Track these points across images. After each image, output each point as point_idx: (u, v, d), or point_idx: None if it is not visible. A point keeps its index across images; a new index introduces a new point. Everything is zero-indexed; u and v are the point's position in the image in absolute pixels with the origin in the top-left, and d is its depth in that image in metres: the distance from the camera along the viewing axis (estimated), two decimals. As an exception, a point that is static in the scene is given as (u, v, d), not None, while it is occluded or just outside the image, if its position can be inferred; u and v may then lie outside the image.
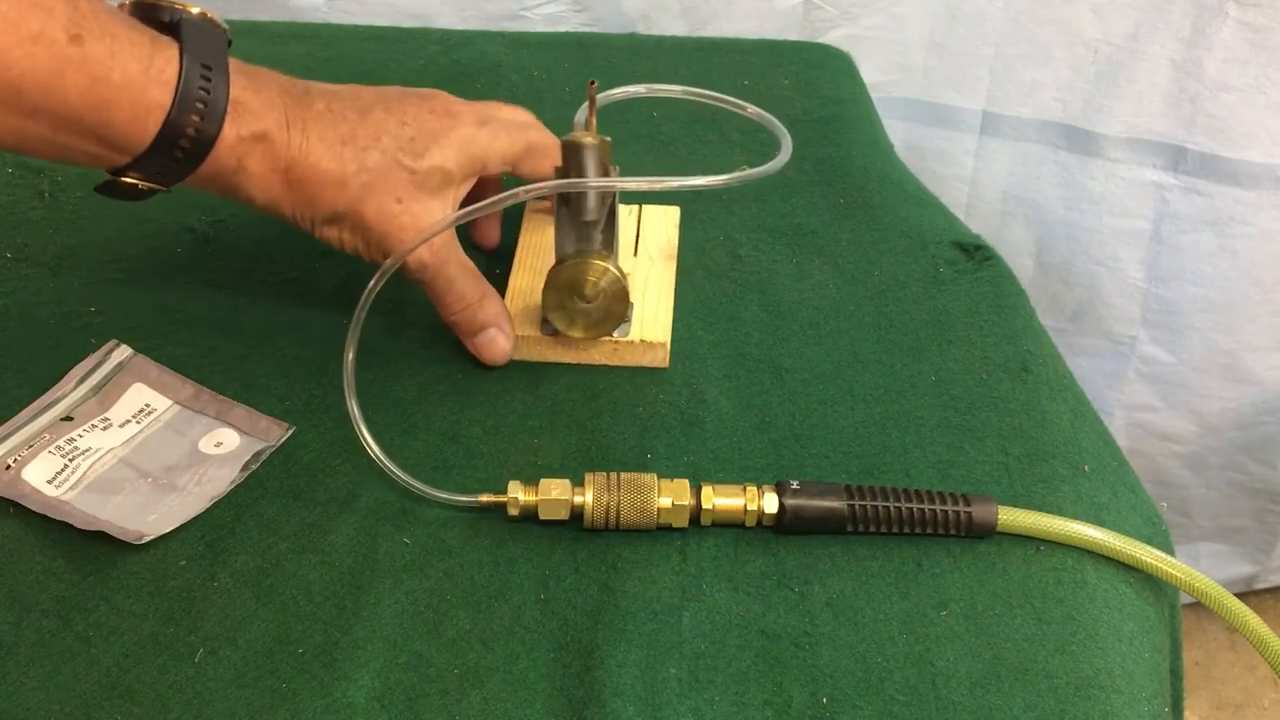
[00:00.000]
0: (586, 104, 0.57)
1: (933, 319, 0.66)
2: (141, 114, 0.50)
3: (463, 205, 0.58)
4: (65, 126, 0.49)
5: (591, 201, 0.56)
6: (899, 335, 0.64)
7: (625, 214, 0.69)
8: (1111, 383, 1.16)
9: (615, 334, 0.61)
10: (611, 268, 0.58)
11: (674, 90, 0.66)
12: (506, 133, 0.59)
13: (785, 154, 0.58)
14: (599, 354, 0.61)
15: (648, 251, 0.67)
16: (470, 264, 0.60)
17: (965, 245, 0.71)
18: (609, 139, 0.55)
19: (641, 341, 0.61)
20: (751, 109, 0.63)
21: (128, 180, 0.52)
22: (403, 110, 0.57)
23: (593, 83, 0.56)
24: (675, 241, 0.69)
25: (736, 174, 0.54)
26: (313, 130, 0.54)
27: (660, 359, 0.61)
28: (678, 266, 0.67)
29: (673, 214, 0.71)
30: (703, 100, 0.65)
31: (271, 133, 0.53)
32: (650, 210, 0.70)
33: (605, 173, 0.55)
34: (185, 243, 0.68)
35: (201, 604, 0.50)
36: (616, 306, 0.59)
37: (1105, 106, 1.02)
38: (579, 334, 0.60)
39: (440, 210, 0.57)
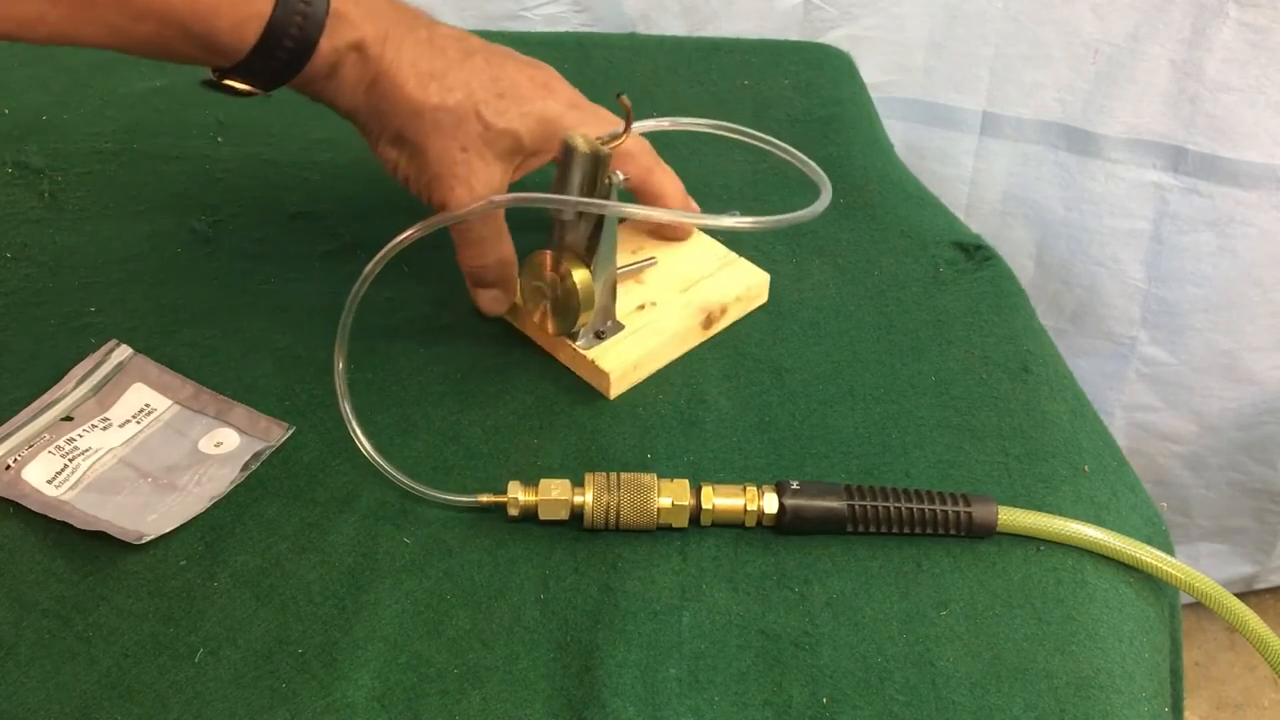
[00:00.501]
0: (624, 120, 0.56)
1: (933, 319, 0.66)
2: (242, 22, 0.51)
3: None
4: (172, 31, 0.50)
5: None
6: (899, 335, 0.64)
7: (717, 256, 0.66)
8: (1111, 383, 1.16)
9: (580, 342, 0.60)
10: (575, 276, 0.57)
11: (703, 124, 0.63)
12: (596, 123, 0.58)
13: (824, 200, 0.56)
14: (563, 354, 0.61)
15: (691, 299, 0.63)
16: (505, 227, 0.60)
17: (965, 245, 0.71)
18: (609, 154, 0.54)
19: (593, 362, 0.59)
20: (789, 151, 0.60)
21: (229, 82, 0.54)
22: (502, 67, 0.57)
23: (621, 94, 0.55)
24: (734, 307, 0.64)
25: (770, 219, 0.53)
26: (407, 53, 0.55)
27: (605, 387, 0.60)
28: None
29: (755, 280, 0.65)
30: (738, 138, 0.62)
31: (367, 43, 0.53)
32: (742, 266, 0.66)
33: (594, 180, 0.55)
34: (185, 243, 0.68)
35: (201, 604, 0.50)
36: (568, 310, 0.58)
37: (1105, 107, 1.02)
38: (537, 320, 0.60)
39: (500, 174, 0.57)
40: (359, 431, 0.53)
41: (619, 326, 0.61)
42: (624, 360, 0.60)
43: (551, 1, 1.01)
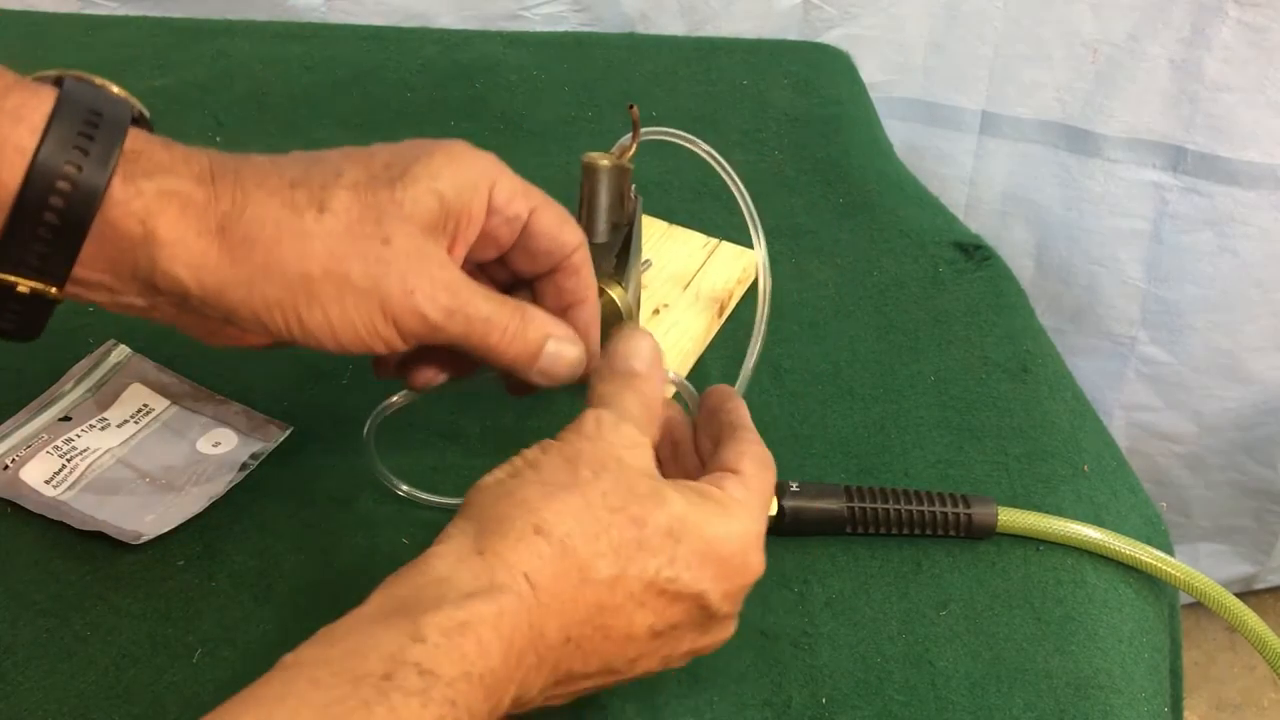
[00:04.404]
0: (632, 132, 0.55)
1: (932, 319, 0.66)
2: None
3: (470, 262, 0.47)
4: None
5: (602, 224, 0.55)
6: (899, 335, 0.64)
7: (699, 246, 0.67)
8: (1111, 383, 1.16)
9: None
10: (611, 293, 0.57)
11: (707, 150, 0.59)
12: (508, 176, 0.46)
13: None
14: None
15: (699, 292, 0.64)
16: (488, 288, 0.47)
17: (965, 245, 0.71)
18: (631, 165, 0.54)
19: None
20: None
21: (3, 277, 0.40)
22: (367, 148, 0.45)
23: (632, 106, 0.54)
24: (737, 290, 0.65)
25: None
26: (249, 177, 0.43)
27: None
28: None
29: (748, 260, 0.66)
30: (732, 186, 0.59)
31: (187, 190, 0.41)
32: (728, 250, 0.67)
33: (620, 199, 0.54)
34: (184, 242, 0.68)
35: (199, 604, 0.50)
36: (611, 332, 0.58)
37: (1105, 107, 1.02)
38: None
39: (436, 252, 0.44)
40: (381, 465, 0.53)
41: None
42: (670, 368, 0.60)
43: (551, 1, 1.01)
